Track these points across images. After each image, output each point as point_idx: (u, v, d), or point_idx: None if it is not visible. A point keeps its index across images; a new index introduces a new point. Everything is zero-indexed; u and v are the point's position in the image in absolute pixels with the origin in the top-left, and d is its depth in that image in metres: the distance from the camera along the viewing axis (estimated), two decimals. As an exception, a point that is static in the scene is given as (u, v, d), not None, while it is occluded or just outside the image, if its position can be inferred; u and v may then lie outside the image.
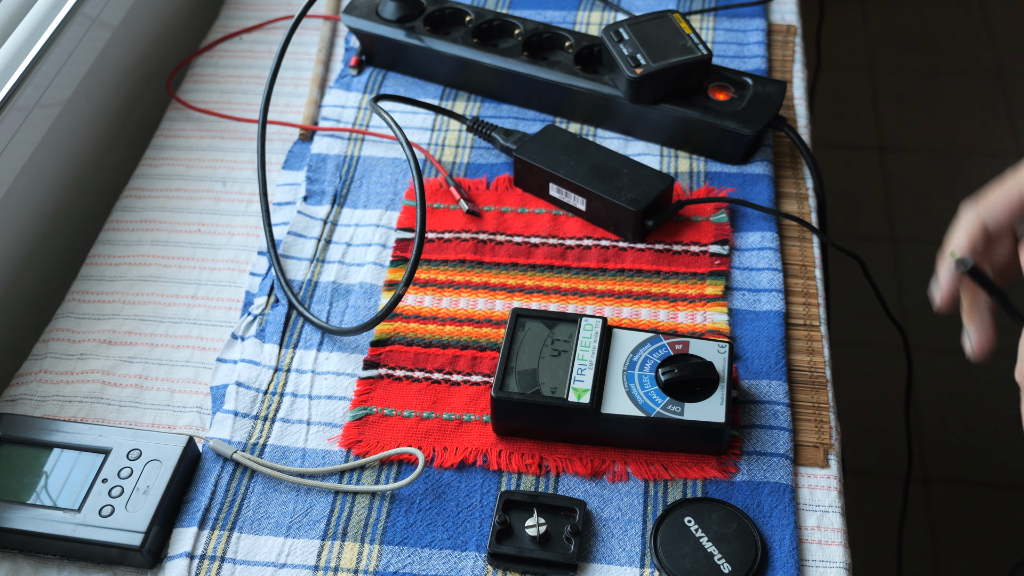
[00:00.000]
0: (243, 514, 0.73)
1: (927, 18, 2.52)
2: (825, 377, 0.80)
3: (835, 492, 0.74)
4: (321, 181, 0.96)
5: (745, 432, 0.76)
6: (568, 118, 1.01)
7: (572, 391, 0.74)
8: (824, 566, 0.70)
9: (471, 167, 0.97)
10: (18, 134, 0.88)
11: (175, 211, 0.96)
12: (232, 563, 0.70)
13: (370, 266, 0.88)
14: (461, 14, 1.03)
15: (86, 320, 0.87)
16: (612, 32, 0.95)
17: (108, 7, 1.02)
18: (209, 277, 0.90)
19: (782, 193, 0.94)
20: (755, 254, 0.88)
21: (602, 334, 0.77)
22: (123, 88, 1.09)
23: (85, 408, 0.81)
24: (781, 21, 1.11)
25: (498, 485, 0.74)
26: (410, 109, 1.02)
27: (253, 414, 0.79)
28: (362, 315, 0.85)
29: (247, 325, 0.85)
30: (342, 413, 0.79)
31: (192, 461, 0.75)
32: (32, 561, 0.72)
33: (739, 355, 0.81)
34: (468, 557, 0.70)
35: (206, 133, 1.03)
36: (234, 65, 1.11)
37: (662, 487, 0.73)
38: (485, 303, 0.85)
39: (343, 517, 0.73)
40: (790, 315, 0.84)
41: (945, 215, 0.85)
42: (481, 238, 0.90)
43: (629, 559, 0.70)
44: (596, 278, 0.87)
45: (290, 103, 1.05)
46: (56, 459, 0.73)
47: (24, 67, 0.89)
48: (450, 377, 0.80)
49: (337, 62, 1.10)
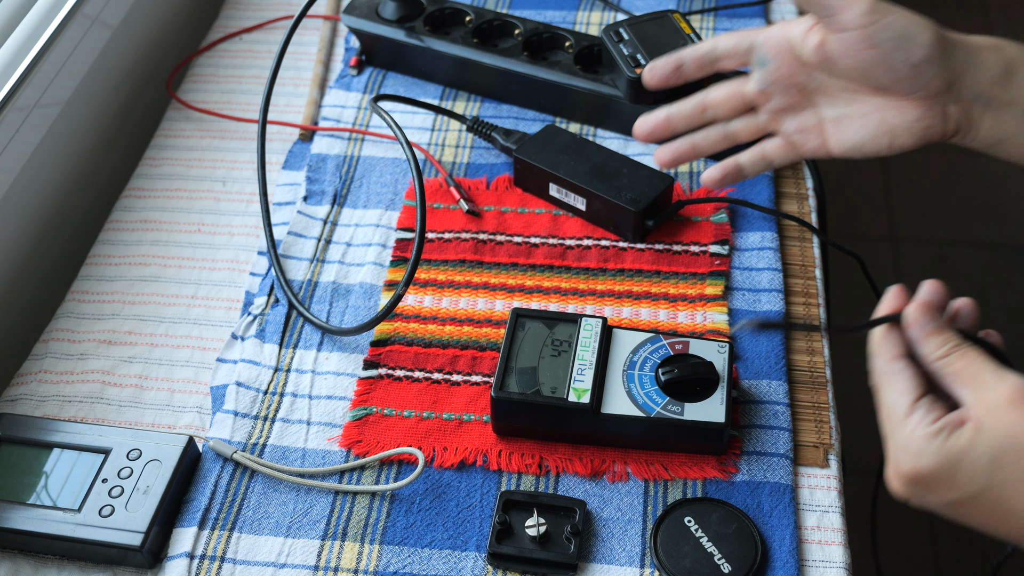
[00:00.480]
0: (243, 514, 0.73)
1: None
2: (825, 377, 0.80)
3: (835, 492, 0.74)
4: (321, 181, 0.96)
5: (745, 432, 0.76)
6: (568, 118, 1.01)
7: (572, 391, 0.74)
8: (824, 566, 0.70)
9: (471, 167, 0.97)
10: (18, 134, 0.88)
11: (175, 211, 0.96)
12: (232, 563, 0.70)
13: (370, 266, 0.88)
14: (461, 14, 1.03)
15: (86, 320, 0.87)
16: (612, 32, 0.94)
17: (108, 7, 1.01)
18: (209, 277, 0.90)
19: (782, 193, 0.94)
20: (755, 254, 0.88)
21: (602, 334, 0.77)
22: (123, 88, 1.09)
23: (85, 408, 0.81)
24: (781, 21, 1.11)
25: (498, 485, 0.74)
26: (410, 109, 1.02)
27: (253, 414, 0.79)
28: (362, 315, 0.85)
29: (247, 325, 0.85)
30: (342, 413, 0.79)
31: (192, 461, 0.75)
32: (32, 561, 0.72)
33: (739, 355, 0.81)
34: (468, 557, 0.70)
35: (206, 133, 1.03)
36: (234, 65, 1.11)
37: (662, 487, 0.73)
38: (485, 303, 0.85)
39: (343, 517, 0.73)
40: (790, 315, 0.84)
41: (945, 215, 0.85)
42: (481, 238, 0.90)
43: (629, 559, 0.70)
44: (596, 278, 0.87)
45: (290, 103, 1.05)
46: (56, 459, 0.73)
47: (24, 67, 0.89)
48: (450, 377, 0.80)
49: (337, 62, 1.10)
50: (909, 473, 0.57)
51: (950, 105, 0.68)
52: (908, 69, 0.67)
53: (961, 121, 0.69)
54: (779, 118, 0.74)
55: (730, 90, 0.74)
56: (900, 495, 0.59)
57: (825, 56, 0.69)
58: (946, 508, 0.57)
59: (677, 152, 0.77)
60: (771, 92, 0.73)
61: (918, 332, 0.58)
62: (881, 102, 0.69)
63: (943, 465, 0.55)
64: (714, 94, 0.75)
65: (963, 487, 0.55)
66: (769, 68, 0.72)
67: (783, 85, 0.72)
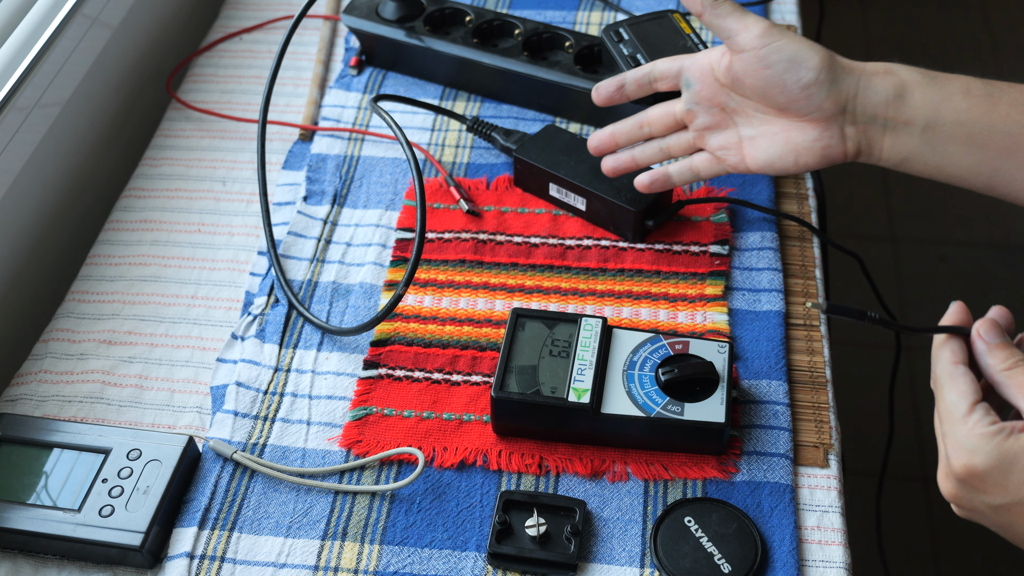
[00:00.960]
0: (243, 514, 0.73)
1: (927, 18, 2.52)
2: (825, 377, 0.80)
3: (835, 492, 0.74)
4: (321, 181, 0.96)
5: (745, 432, 0.76)
6: (568, 118, 1.01)
7: (572, 391, 0.74)
8: (824, 566, 0.70)
9: (471, 167, 0.97)
10: (18, 134, 0.88)
11: (175, 211, 0.96)
12: (232, 563, 0.70)
13: (370, 266, 0.88)
14: (461, 14, 1.03)
15: (86, 320, 0.87)
16: (612, 32, 0.94)
17: (108, 7, 1.01)
18: (209, 277, 0.90)
19: (782, 193, 0.94)
20: (755, 254, 0.88)
21: (602, 334, 0.77)
22: (123, 88, 1.09)
23: (85, 408, 0.81)
24: (781, 21, 1.11)
25: (498, 485, 0.74)
26: (410, 109, 1.02)
27: (253, 414, 0.79)
28: (362, 315, 0.85)
29: (247, 325, 0.85)
30: (342, 413, 0.79)
31: (192, 461, 0.75)
32: (32, 561, 0.72)
33: (739, 355, 0.81)
34: (468, 557, 0.70)
35: (206, 133, 1.03)
36: (234, 65, 1.11)
37: (662, 487, 0.73)
38: (485, 303, 0.85)
39: (343, 517, 0.73)
40: (790, 315, 0.84)
41: (945, 215, 0.85)
42: (481, 238, 0.90)
43: (629, 559, 0.70)
44: (596, 278, 0.87)
45: (290, 103, 1.05)
46: (56, 459, 0.73)
47: (24, 67, 0.89)
48: (450, 377, 0.80)
49: (337, 62, 1.10)
50: (962, 470, 0.59)
51: (847, 126, 0.74)
52: (799, 90, 0.73)
53: (861, 141, 0.74)
54: (704, 136, 0.81)
55: (664, 110, 0.82)
56: (949, 496, 0.61)
57: (733, 77, 0.76)
58: (994, 513, 0.59)
59: (619, 163, 0.85)
60: (696, 111, 0.80)
61: (984, 345, 0.62)
62: (786, 123, 0.76)
63: (998, 464, 0.57)
64: (651, 113, 0.83)
65: (1014, 491, 0.57)
66: (694, 89, 0.79)
67: (706, 105, 0.79)
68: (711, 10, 0.74)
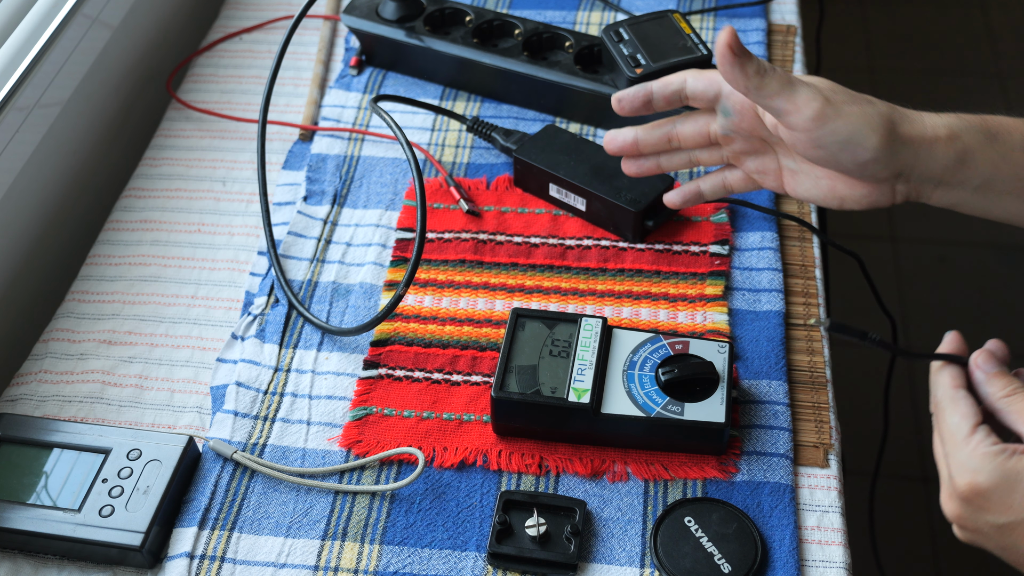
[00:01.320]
0: (243, 514, 0.73)
1: (927, 18, 2.51)
2: (825, 377, 0.80)
3: (835, 492, 0.74)
4: (321, 181, 0.96)
5: (745, 432, 0.76)
6: (568, 118, 1.01)
7: (572, 391, 0.74)
8: (824, 566, 0.70)
9: (471, 167, 0.97)
10: (18, 134, 0.88)
11: (175, 211, 0.96)
12: (232, 563, 0.70)
13: (370, 266, 0.88)
14: (461, 14, 1.03)
15: (86, 320, 0.87)
16: (612, 32, 0.94)
17: (108, 7, 1.01)
18: (209, 277, 0.90)
19: (782, 193, 0.93)
20: (755, 254, 0.88)
21: (602, 334, 0.77)
22: (123, 88, 1.09)
23: (85, 408, 0.81)
24: (781, 21, 1.11)
25: (498, 485, 0.74)
26: (410, 109, 1.02)
27: (253, 414, 0.79)
28: (362, 315, 0.85)
29: (247, 325, 0.85)
30: (342, 413, 0.79)
31: (192, 461, 0.75)
32: (32, 561, 0.72)
33: (739, 355, 0.81)
34: (468, 557, 0.70)
35: (206, 133, 1.03)
36: (234, 65, 1.11)
37: (662, 487, 0.73)
38: (485, 303, 0.85)
39: (343, 517, 0.73)
40: (790, 315, 0.84)
41: (945, 215, 0.85)
42: (481, 238, 0.90)
43: (629, 559, 0.70)
44: (596, 278, 0.87)
45: (290, 103, 1.05)
46: (56, 459, 0.73)
47: (24, 67, 0.89)
48: (450, 377, 0.80)
49: (337, 62, 1.10)
50: (966, 488, 0.59)
51: (899, 184, 0.71)
52: (855, 167, 0.69)
53: (910, 194, 0.72)
54: (741, 158, 0.77)
55: (697, 130, 0.76)
56: (953, 517, 0.61)
57: (781, 136, 0.71)
58: (997, 533, 0.59)
59: (642, 168, 0.79)
60: (733, 139, 0.75)
61: (983, 375, 0.63)
62: (833, 174, 0.71)
63: (1001, 482, 0.58)
64: (681, 129, 0.77)
65: (1018, 509, 0.57)
66: (733, 120, 0.74)
67: (745, 135, 0.74)
68: (756, 91, 0.67)
